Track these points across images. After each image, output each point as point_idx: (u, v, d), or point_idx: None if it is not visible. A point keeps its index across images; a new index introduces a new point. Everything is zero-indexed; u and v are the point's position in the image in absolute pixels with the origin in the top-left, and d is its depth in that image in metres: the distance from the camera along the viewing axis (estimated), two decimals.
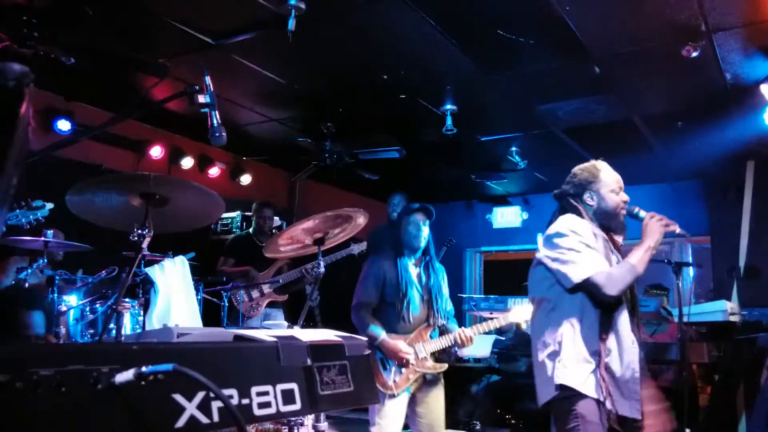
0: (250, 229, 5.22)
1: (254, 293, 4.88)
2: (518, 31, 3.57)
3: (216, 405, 1.15)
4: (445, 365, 3.24)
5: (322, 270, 2.67)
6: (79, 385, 0.97)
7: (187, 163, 5.70)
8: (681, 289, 4.48)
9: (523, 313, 3.26)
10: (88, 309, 3.25)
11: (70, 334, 3.26)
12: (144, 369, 1.03)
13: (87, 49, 3.83)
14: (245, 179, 6.30)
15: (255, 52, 3.99)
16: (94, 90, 4.70)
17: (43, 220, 3.26)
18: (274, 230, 5.25)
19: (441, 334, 3.26)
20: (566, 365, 2.13)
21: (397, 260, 3.24)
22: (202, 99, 1.93)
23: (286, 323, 4.12)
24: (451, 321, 3.33)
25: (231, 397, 1.21)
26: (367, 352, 1.71)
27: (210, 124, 1.98)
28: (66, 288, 3.58)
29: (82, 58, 3.82)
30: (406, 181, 6.90)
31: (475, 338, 3.28)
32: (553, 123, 5.13)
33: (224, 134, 1.99)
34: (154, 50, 3.99)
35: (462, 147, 5.84)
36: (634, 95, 4.57)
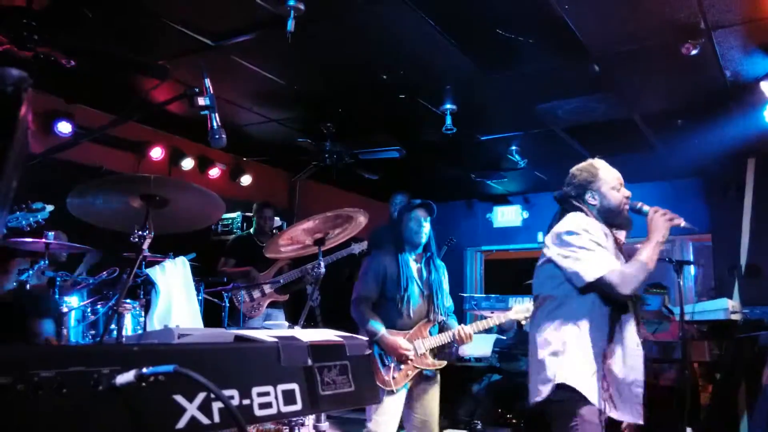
0: (251, 230, 5.23)
1: (255, 293, 4.89)
2: (518, 31, 3.57)
3: (217, 406, 1.15)
4: (444, 362, 3.22)
5: (323, 270, 2.67)
6: (80, 387, 0.97)
7: (188, 164, 5.71)
8: (682, 287, 4.48)
9: (523, 311, 3.26)
10: (89, 310, 3.26)
11: (71, 336, 3.27)
12: (145, 370, 1.03)
13: (87, 52, 3.83)
14: (245, 180, 6.30)
15: (254, 53, 3.99)
16: (95, 92, 4.70)
17: (44, 222, 3.27)
18: (275, 230, 5.25)
19: (440, 331, 3.24)
20: (568, 365, 2.11)
21: (398, 256, 3.23)
22: (202, 101, 1.93)
23: (287, 323, 4.13)
24: (451, 317, 3.32)
25: (232, 397, 1.21)
26: (368, 352, 1.71)
27: (210, 126, 1.98)
28: (67, 289, 3.59)
29: (82, 61, 3.82)
30: (407, 180, 6.90)
31: (476, 338, 3.27)
32: (553, 122, 5.13)
33: (224, 136, 1.99)
34: (153, 52, 4.00)
35: (462, 146, 5.83)
36: (634, 94, 4.56)
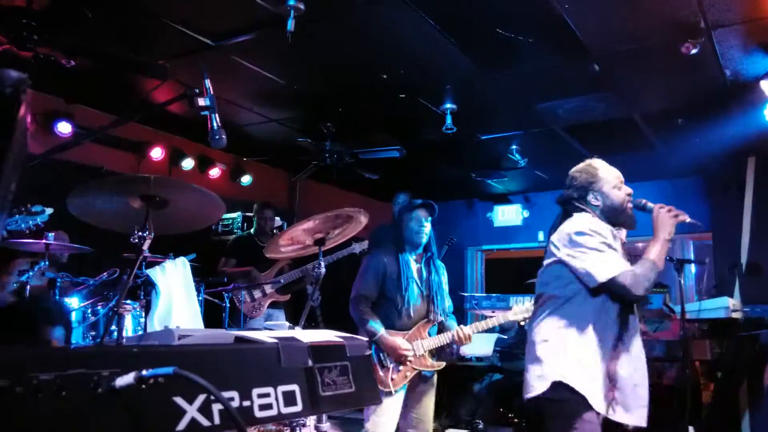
0: (251, 230, 5.23)
1: (256, 294, 4.89)
2: (517, 30, 3.56)
3: (217, 407, 1.15)
4: (443, 364, 3.21)
5: (323, 270, 2.67)
6: (80, 390, 0.97)
7: (188, 164, 5.70)
8: (683, 286, 4.47)
9: (523, 312, 3.25)
10: (89, 311, 3.26)
11: (72, 337, 3.26)
12: (144, 372, 1.03)
13: (87, 52, 3.83)
14: (246, 180, 6.30)
15: (254, 53, 3.99)
16: (94, 92, 4.70)
17: (43, 225, 3.26)
18: (275, 231, 5.25)
19: (439, 331, 3.23)
20: (568, 364, 2.10)
21: (398, 255, 3.22)
22: (202, 102, 1.93)
23: (288, 323, 4.13)
24: (450, 318, 3.31)
25: (232, 399, 1.21)
26: (368, 353, 1.71)
27: (210, 126, 1.98)
28: (67, 290, 3.59)
29: (82, 61, 3.82)
30: (407, 180, 6.90)
31: (478, 337, 3.27)
32: (553, 121, 5.12)
33: (224, 137, 1.99)
34: (153, 52, 3.99)
35: (462, 146, 5.83)
36: (634, 93, 4.56)
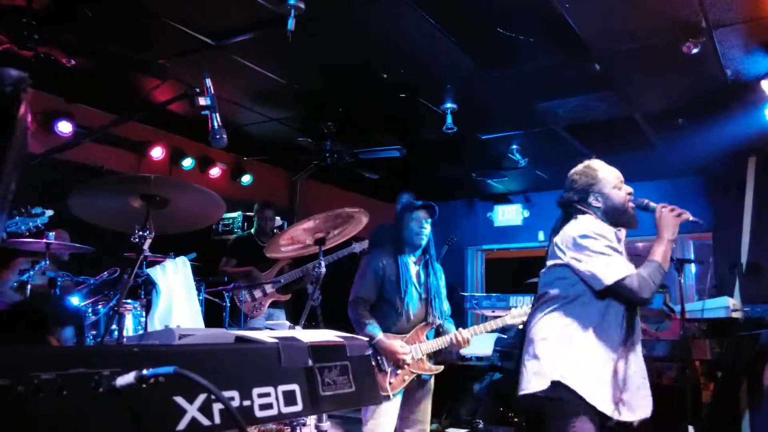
0: (252, 230, 5.23)
1: (257, 293, 4.88)
2: (518, 29, 3.56)
3: (217, 407, 1.15)
4: (441, 367, 3.19)
5: (323, 270, 2.67)
6: (81, 389, 0.97)
7: (188, 163, 5.71)
8: (683, 285, 4.48)
9: (521, 315, 3.25)
10: (90, 310, 3.26)
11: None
12: (145, 372, 1.03)
13: (87, 51, 3.83)
14: (246, 179, 6.30)
15: (255, 53, 3.98)
16: (95, 91, 4.70)
17: (43, 227, 3.26)
18: (276, 230, 5.25)
19: (437, 335, 3.21)
20: (569, 364, 2.11)
21: (397, 257, 3.18)
22: (203, 101, 1.93)
23: (288, 323, 4.13)
24: (448, 321, 3.29)
25: (232, 398, 1.21)
26: (369, 353, 1.71)
27: (211, 126, 1.98)
28: (68, 289, 3.60)
29: (83, 60, 3.82)
30: (407, 180, 6.90)
31: (478, 337, 3.26)
32: (554, 121, 5.12)
33: (225, 136, 1.99)
34: (154, 51, 3.99)
35: (462, 145, 5.83)
36: (635, 92, 4.55)
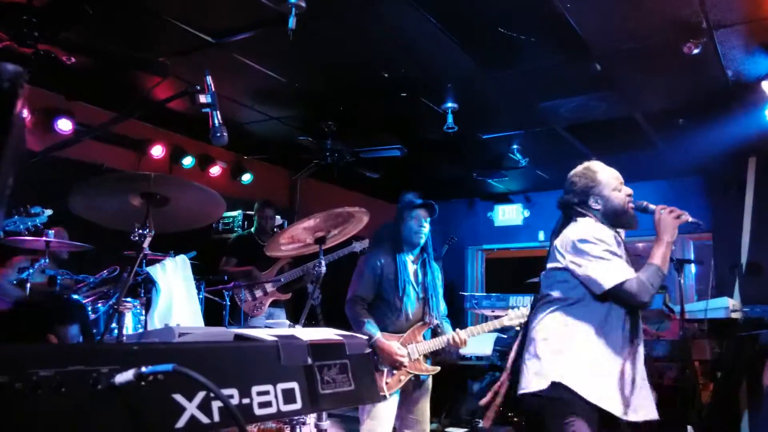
0: (252, 229, 5.22)
1: (257, 292, 4.88)
2: (519, 29, 3.56)
3: (216, 405, 1.15)
4: (438, 368, 3.19)
5: (324, 269, 2.66)
6: (79, 386, 0.97)
7: (189, 162, 5.70)
8: (683, 286, 4.48)
9: (518, 317, 3.24)
10: (90, 308, 3.26)
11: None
12: (144, 369, 1.03)
13: (87, 49, 3.82)
14: (246, 178, 6.30)
15: (255, 51, 3.98)
16: (95, 89, 4.69)
17: (42, 227, 3.26)
18: (276, 229, 5.24)
19: (434, 335, 3.20)
20: (569, 365, 2.11)
21: (396, 256, 3.16)
22: (203, 99, 1.93)
23: (288, 322, 4.13)
24: (445, 321, 3.28)
25: (231, 396, 1.21)
26: (368, 351, 1.71)
27: (211, 124, 1.97)
28: (68, 288, 3.59)
29: (83, 58, 3.82)
30: (408, 179, 6.89)
31: (477, 336, 3.26)
32: (555, 120, 5.12)
33: (225, 134, 1.99)
34: (154, 49, 3.99)
35: (463, 145, 5.83)
36: (636, 92, 4.55)
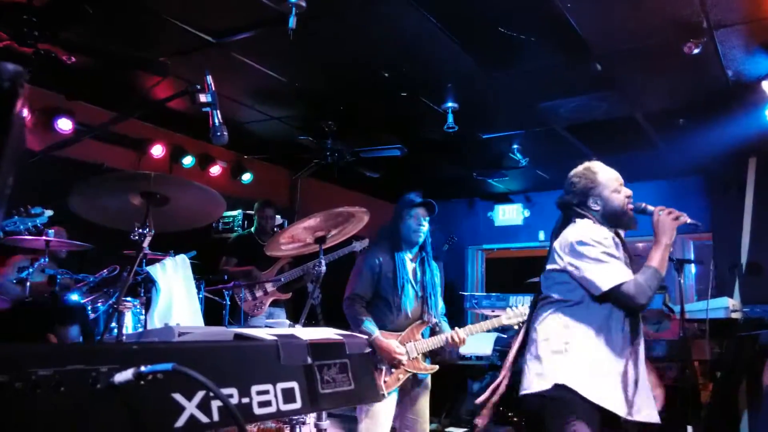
0: (252, 228, 5.22)
1: (258, 292, 4.88)
2: (519, 29, 3.56)
3: (216, 404, 1.15)
4: (436, 367, 3.18)
5: (324, 269, 2.66)
6: (79, 385, 0.97)
7: (189, 161, 5.70)
8: (683, 286, 4.47)
9: (517, 316, 3.24)
10: (90, 308, 3.26)
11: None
12: (143, 368, 1.03)
13: (87, 48, 3.82)
14: (246, 178, 6.29)
15: (256, 51, 3.98)
16: (95, 89, 4.69)
17: (42, 227, 3.25)
18: (276, 229, 5.24)
19: (432, 333, 3.20)
20: (570, 366, 2.11)
21: (395, 254, 3.15)
22: (204, 98, 1.93)
23: (288, 321, 4.12)
24: (443, 320, 3.28)
25: (231, 396, 1.21)
26: (368, 350, 1.71)
27: (211, 123, 1.97)
28: (67, 287, 3.59)
29: (83, 57, 3.81)
30: (408, 179, 6.89)
31: (477, 336, 3.25)
32: (555, 120, 5.12)
33: (226, 133, 1.99)
34: (154, 49, 3.99)
35: (463, 144, 5.82)
36: (636, 92, 4.55)
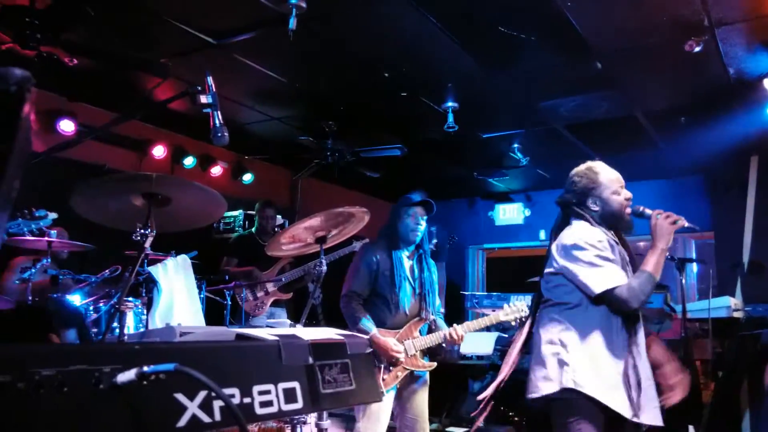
0: (253, 229, 5.23)
1: (259, 292, 4.89)
2: (519, 28, 3.56)
3: (218, 404, 1.16)
4: (435, 364, 3.18)
5: (324, 268, 2.66)
6: (81, 386, 0.98)
7: (190, 162, 5.71)
8: (684, 285, 4.47)
9: (514, 312, 3.24)
10: (91, 308, 3.27)
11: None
12: (146, 369, 1.03)
13: (89, 50, 3.83)
14: (247, 178, 6.30)
15: (256, 52, 3.99)
16: (97, 90, 4.70)
17: (46, 229, 3.26)
18: (277, 229, 5.25)
19: (430, 331, 3.20)
20: (574, 368, 2.11)
21: (392, 252, 3.15)
22: (204, 99, 1.93)
23: (289, 321, 4.13)
24: (439, 318, 3.28)
25: (233, 396, 1.21)
26: (369, 350, 1.71)
27: (212, 124, 1.98)
28: (69, 287, 3.61)
29: (85, 59, 3.82)
30: (408, 178, 6.89)
31: (478, 336, 3.25)
32: (555, 119, 5.12)
33: (226, 134, 1.99)
34: (155, 50, 4.00)
35: (464, 144, 5.82)
36: (637, 91, 4.55)
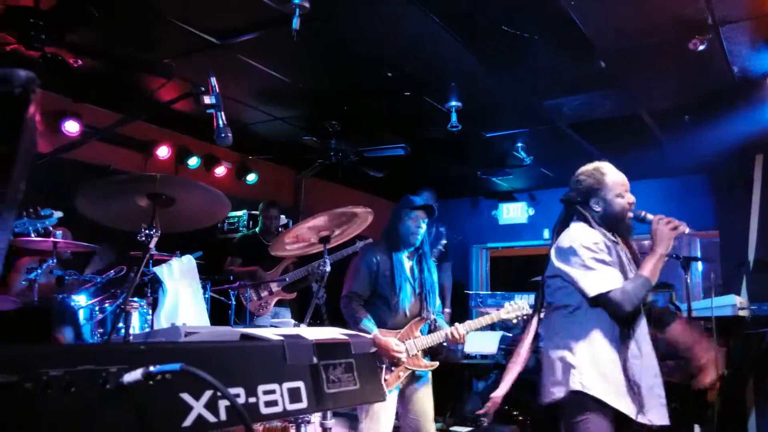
0: (257, 229, 5.24)
1: (263, 292, 4.90)
2: (523, 27, 3.55)
3: (223, 404, 1.16)
4: (436, 363, 3.19)
5: (328, 268, 2.67)
6: (89, 386, 0.99)
7: (194, 162, 5.73)
8: (690, 284, 4.46)
9: (515, 310, 3.24)
10: (97, 308, 3.29)
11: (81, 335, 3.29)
12: (152, 368, 1.04)
13: (93, 51, 3.85)
14: (251, 178, 6.32)
15: (260, 52, 3.99)
16: (101, 91, 4.72)
17: (51, 228, 3.28)
18: (281, 229, 5.26)
19: (431, 330, 3.21)
20: (582, 370, 2.12)
21: (392, 253, 3.18)
22: (208, 100, 1.95)
23: (293, 321, 4.14)
24: (439, 317, 3.29)
25: (238, 395, 1.22)
26: (373, 350, 1.72)
27: (216, 124, 1.99)
28: (75, 288, 3.62)
29: (89, 60, 3.84)
30: (412, 178, 6.89)
31: (482, 335, 3.25)
32: (559, 118, 5.11)
33: (230, 135, 2.00)
34: (159, 51, 4.01)
35: (467, 143, 5.82)
36: (641, 89, 4.54)
